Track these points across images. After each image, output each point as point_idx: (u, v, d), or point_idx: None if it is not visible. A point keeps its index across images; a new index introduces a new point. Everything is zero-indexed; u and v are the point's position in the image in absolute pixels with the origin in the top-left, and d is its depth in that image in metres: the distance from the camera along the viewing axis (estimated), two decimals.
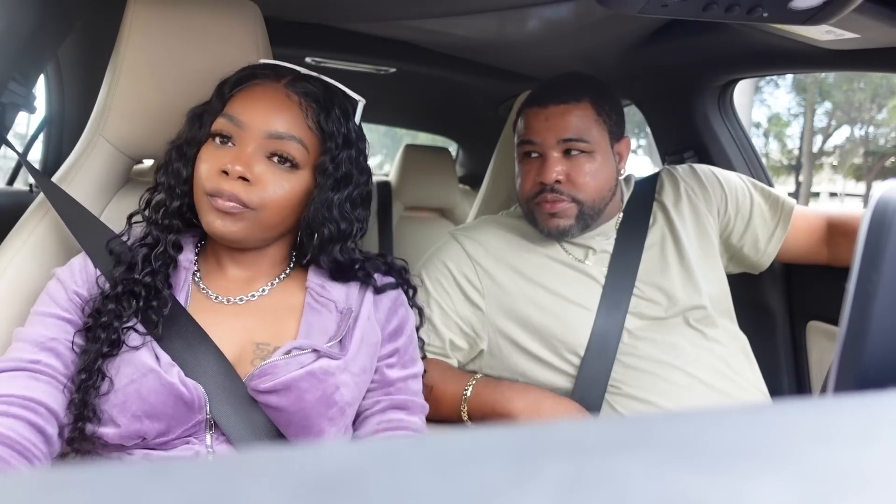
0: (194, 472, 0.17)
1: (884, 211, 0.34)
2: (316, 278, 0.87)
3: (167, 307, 0.79)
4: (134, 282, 0.79)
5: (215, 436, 0.77)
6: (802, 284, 1.43)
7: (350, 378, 0.81)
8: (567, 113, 1.12)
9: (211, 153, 0.81)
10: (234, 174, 0.77)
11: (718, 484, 0.17)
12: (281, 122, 0.80)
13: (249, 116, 0.80)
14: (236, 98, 0.83)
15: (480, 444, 0.19)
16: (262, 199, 0.79)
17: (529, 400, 1.05)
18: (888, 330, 0.34)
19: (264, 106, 0.81)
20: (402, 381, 0.89)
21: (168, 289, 0.81)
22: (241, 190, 0.77)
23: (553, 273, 1.16)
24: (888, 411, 0.23)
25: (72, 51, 1.60)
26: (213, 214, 0.79)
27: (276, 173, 0.80)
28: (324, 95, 0.84)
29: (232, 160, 0.78)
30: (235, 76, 0.85)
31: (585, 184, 1.12)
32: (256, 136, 0.79)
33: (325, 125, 0.82)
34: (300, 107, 0.82)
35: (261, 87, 0.82)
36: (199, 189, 0.80)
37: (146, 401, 0.74)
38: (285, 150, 0.80)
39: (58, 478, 0.17)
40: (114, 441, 0.74)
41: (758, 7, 0.81)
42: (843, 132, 14.73)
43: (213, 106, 0.84)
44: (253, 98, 0.82)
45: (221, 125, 0.81)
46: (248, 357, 0.80)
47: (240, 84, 0.84)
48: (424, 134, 3.88)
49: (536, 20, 1.36)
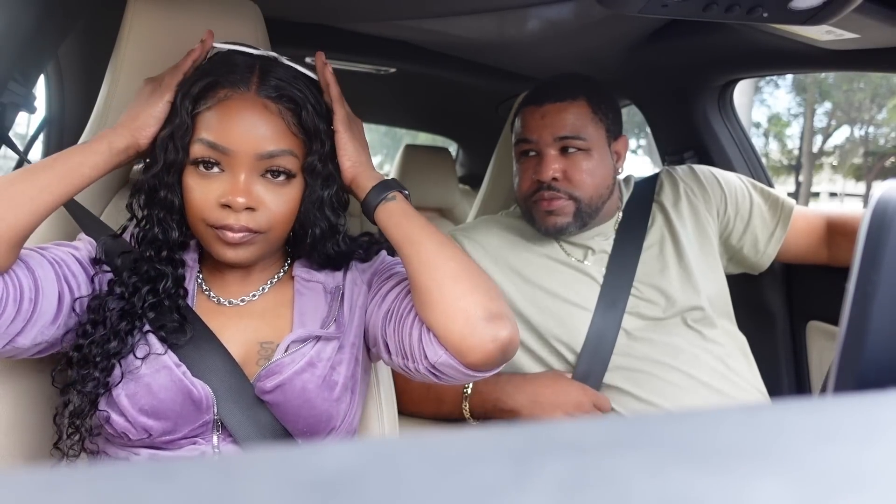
0: (194, 472, 0.17)
1: (884, 211, 0.34)
2: (301, 268, 0.87)
3: (177, 312, 0.79)
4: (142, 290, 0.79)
5: (222, 437, 0.77)
6: (802, 284, 1.43)
7: (346, 353, 0.82)
8: (563, 111, 1.12)
9: (199, 182, 0.77)
10: (240, 207, 0.75)
11: (718, 484, 0.17)
12: (269, 140, 0.76)
13: (234, 142, 0.75)
14: (209, 117, 0.76)
15: (480, 444, 0.19)
16: (270, 221, 0.77)
17: (529, 393, 1.06)
18: (888, 330, 0.34)
19: (247, 126, 0.75)
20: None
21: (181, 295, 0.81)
22: (249, 219, 0.76)
23: (552, 273, 1.16)
24: (888, 411, 0.23)
25: (72, 51, 1.60)
26: (222, 246, 0.77)
27: (275, 190, 0.77)
28: (294, 88, 0.79)
29: (230, 192, 0.75)
30: (196, 87, 0.77)
31: (582, 181, 1.12)
32: (246, 160, 0.75)
33: (307, 125, 0.78)
34: (281, 115, 0.77)
35: (235, 102, 0.76)
36: (198, 219, 0.77)
37: (156, 396, 0.74)
38: (278, 165, 0.77)
39: (58, 478, 0.17)
40: (119, 429, 0.74)
41: (758, 7, 0.81)
42: (843, 132, 14.74)
43: (181, 122, 0.77)
44: (230, 118, 0.76)
45: (203, 152, 0.76)
46: (253, 358, 0.81)
47: (205, 96, 0.77)
48: (424, 134, 3.88)
49: (536, 20, 1.36)
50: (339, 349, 0.81)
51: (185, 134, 0.77)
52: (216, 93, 0.77)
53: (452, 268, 0.74)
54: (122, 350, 0.75)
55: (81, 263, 0.80)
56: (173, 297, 0.80)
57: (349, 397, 0.82)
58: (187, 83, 0.79)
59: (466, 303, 0.72)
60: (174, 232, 0.80)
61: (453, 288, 0.73)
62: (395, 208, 0.79)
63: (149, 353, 0.76)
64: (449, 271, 0.74)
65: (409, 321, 0.77)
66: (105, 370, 0.74)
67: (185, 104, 0.77)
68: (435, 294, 0.73)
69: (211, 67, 0.80)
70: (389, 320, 0.80)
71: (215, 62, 0.81)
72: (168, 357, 0.76)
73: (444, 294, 0.73)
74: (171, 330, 0.78)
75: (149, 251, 0.79)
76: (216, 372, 0.77)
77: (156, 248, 0.79)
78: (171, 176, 0.78)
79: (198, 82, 0.78)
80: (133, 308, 0.77)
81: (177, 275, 0.81)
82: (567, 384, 1.07)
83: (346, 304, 0.84)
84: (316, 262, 0.86)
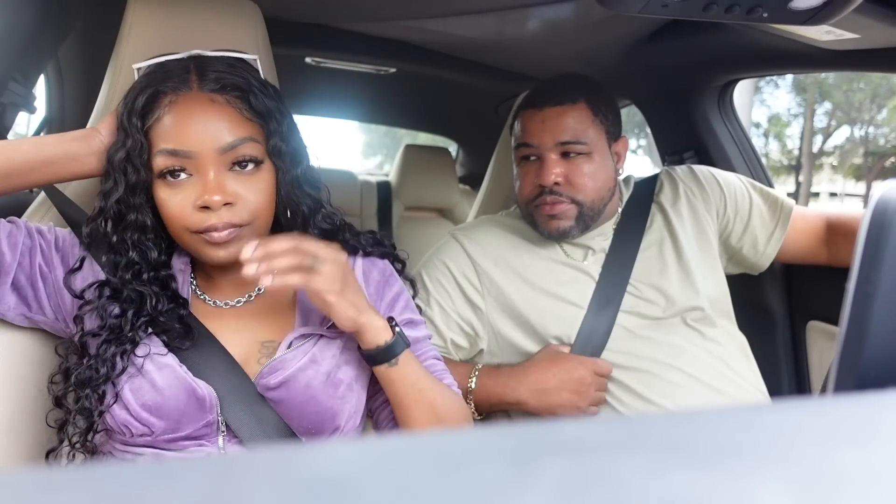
0: (194, 472, 0.17)
1: (884, 211, 0.34)
2: None
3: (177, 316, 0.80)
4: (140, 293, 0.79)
5: (227, 438, 0.77)
6: (802, 284, 1.43)
7: (351, 354, 0.82)
8: (563, 114, 1.12)
9: (171, 193, 0.76)
10: (217, 205, 0.74)
11: (718, 484, 0.17)
12: (226, 132, 0.76)
13: (193, 142, 0.75)
14: (161, 127, 0.76)
15: (480, 444, 0.19)
16: (252, 211, 0.77)
17: (531, 383, 1.06)
18: (888, 330, 0.34)
19: (200, 124, 0.75)
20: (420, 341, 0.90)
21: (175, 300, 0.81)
22: (230, 215, 0.76)
23: (552, 274, 1.16)
24: (888, 411, 0.23)
25: (72, 51, 1.60)
26: (211, 248, 0.77)
27: (247, 181, 0.77)
28: (234, 76, 0.79)
29: (204, 192, 0.74)
30: (140, 102, 0.76)
31: (584, 185, 1.12)
32: (210, 158, 0.75)
33: (258, 108, 0.78)
34: (230, 104, 0.77)
35: (182, 105, 0.76)
36: (180, 230, 0.77)
37: (161, 392, 0.74)
38: (243, 154, 0.77)
39: (58, 478, 0.17)
40: (120, 421, 0.74)
41: (758, 7, 0.81)
42: (843, 132, 14.74)
43: (134, 142, 0.76)
44: (182, 121, 0.75)
45: (166, 162, 0.75)
46: (254, 357, 0.81)
47: (150, 109, 0.77)
48: (424, 134, 3.88)
49: (536, 20, 1.36)
50: (344, 349, 0.82)
51: (141, 151, 0.76)
52: (161, 101, 0.76)
53: (431, 419, 0.82)
54: (125, 350, 0.76)
55: (57, 245, 0.81)
56: (171, 310, 0.80)
57: (354, 397, 0.82)
58: (128, 102, 0.78)
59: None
60: (152, 252, 0.80)
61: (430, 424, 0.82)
62: (396, 375, 0.80)
63: (150, 351, 0.76)
64: (428, 421, 0.81)
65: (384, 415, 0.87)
66: (109, 367, 0.75)
67: (132, 122, 0.76)
68: (414, 425, 0.82)
69: (146, 80, 0.79)
70: (373, 401, 0.88)
71: (148, 76, 0.80)
72: (170, 357, 0.77)
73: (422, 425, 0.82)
74: (175, 336, 0.78)
75: (127, 275, 0.78)
76: (217, 372, 0.77)
77: (134, 273, 0.79)
78: (137, 197, 0.78)
79: (139, 97, 0.77)
80: (122, 333, 0.76)
81: (168, 293, 0.80)
82: (565, 361, 1.07)
83: None
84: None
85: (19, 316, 0.81)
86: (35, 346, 0.87)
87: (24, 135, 1.79)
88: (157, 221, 0.80)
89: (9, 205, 0.84)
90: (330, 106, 2.73)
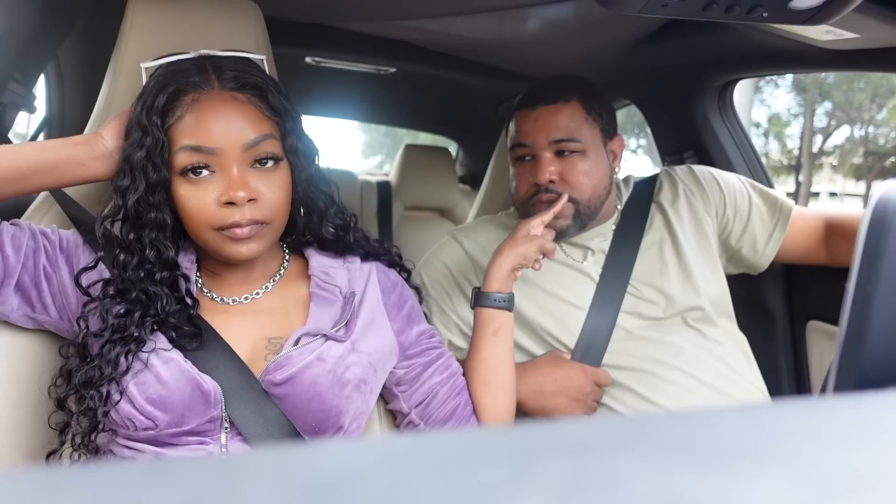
0: (194, 471, 0.17)
1: (884, 211, 0.34)
2: (318, 265, 0.87)
3: (179, 313, 0.79)
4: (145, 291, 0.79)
5: (230, 435, 0.77)
6: (802, 284, 1.43)
7: (360, 357, 0.82)
8: (556, 113, 1.12)
9: (192, 190, 0.77)
10: (242, 201, 0.75)
11: (718, 484, 0.17)
12: (249, 129, 0.77)
13: (217, 139, 0.75)
14: (182, 124, 0.76)
15: (480, 444, 0.19)
16: (273, 209, 0.78)
17: (531, 384, 1.07)
18: (888, 330, 0.34)
19: (225, 121, 0.76)
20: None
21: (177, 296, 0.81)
22: (253, 211, 0.76)
23: (551, 274, 1.16)
24: (888, 411, 0.23)
25: (72, 51, 1.60)
26: (234, 245, 0.77)
27: (267, 178, 0.78)
28: (251, 75, 0.80)
29: (229, 188, 0.75)
30: (158, 100, 0.76)
31: (580, 182, 1.12)
32: (234, 155, 0.76)
33: (276, 106, 0.80)
34: (251, 103, 0.78)
35: (203, 103, 0.77)
36: (202, 226, 0.77)
37: (166, 385, 0.74)
38: (264, 151, 0.78)
39: (58, 478, 0.17)
40: (124, 415, 0.74)
41: (758, 7, 0.81)
42: (843, 132, 14.73)
43: (155, 140, 0.76)
44: (205, 117, 0.76)
45: (190, 159, 0.76)
46: (261, 353, 0.81)
47: (171, 107, 0.77)
48: (424, 134, 3.88)
49: (536, 20, 1.36)
50: (352, 351, 0.82)
51: (162, 150, 0.76)
52: (182, 99, 0.77)
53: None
54: (130, 350, 0.76)
55: (61, 246, 0.82)
56: (180, 311, 0.80)
57: (361, 399, 0.82)
58: (146, 100, 0.77)
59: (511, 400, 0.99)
60: (169, 251, 0.80)
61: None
62: (503, 319, 0.99)
63: (155, 347, 0.76)
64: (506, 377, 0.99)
65: (451, 398, 0.93)
66: (113, 366, 0.75)
67: (152, 120, 0.76)
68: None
69: (164, 79, 0.78)
70: (426, 396, 0.91)
71: (164, 74, 0.79)
72: (175, 353, 0.77)
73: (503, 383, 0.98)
74: (183, 336, 0.78)
75: (139, 274, 0.78)
76: (222, 368, 0.77)
77: (146, 271, 0.79)
78: (156, 195, 0.78)
79: (159, 95, 0.77)
80: (128, 333, 0.76)
81: (177, 294, 0.80)
82: (567, 368, 1.07)
83: (362, 314, 0.85)
84: (329, 237, 0.88)
85: (23, 317, 0.81)
86: (37, 347, 0.87)
87: (25, 135, 1.79)
88: (175, 222, 0.80)
89: (9, 205, 0.84)
90: (330, 106, 2.73)
